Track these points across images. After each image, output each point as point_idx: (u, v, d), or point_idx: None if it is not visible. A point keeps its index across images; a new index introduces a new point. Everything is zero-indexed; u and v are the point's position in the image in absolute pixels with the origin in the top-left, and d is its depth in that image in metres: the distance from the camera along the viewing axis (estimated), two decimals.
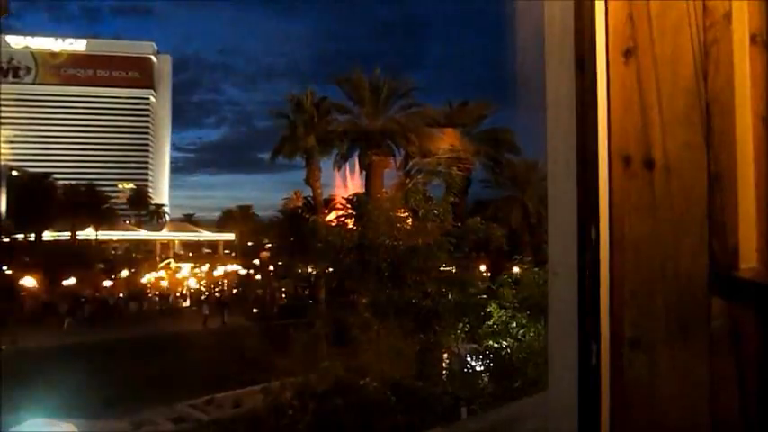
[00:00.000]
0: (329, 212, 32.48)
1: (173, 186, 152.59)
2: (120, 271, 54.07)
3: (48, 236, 57.53)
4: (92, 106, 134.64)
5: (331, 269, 13.96)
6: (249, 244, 75.59)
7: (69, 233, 58.70)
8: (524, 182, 36.22)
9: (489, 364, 10.75)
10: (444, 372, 11.27)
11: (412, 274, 12.64)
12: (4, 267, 46.68)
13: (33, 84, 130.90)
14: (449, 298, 11.81)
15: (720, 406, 1.10)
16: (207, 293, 51.97)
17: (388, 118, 30.74)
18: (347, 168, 33.70)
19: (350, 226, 14.36)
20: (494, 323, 11.07)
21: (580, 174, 1.25)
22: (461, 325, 11.54)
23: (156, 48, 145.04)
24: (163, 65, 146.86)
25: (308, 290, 38.32)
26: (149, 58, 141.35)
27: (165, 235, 77.58)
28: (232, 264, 61.16)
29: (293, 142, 30.43)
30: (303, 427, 9.67)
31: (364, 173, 30.78)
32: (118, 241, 70.89)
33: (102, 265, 54.82)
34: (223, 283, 57.45)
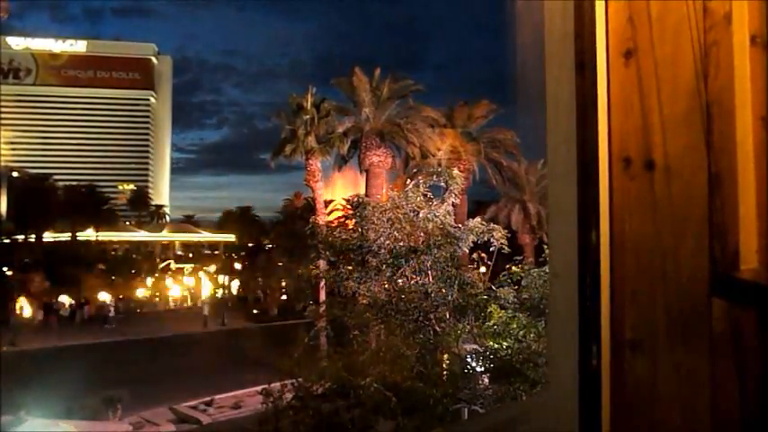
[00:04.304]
0: (329, 213, 32.50)
1: (174, 187, 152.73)
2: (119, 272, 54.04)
3: (48, 237, 57.54)
4: (92, 107, 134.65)
5: (331, 270, 13.93)
6: (250, 245, 75.64)
7: (70, 234, 58.69)
8: (525, 183, 36.20)
9: (490, 365, 10.73)
10: (445, 372, 11.26)
11: (412, 274, 12.64)
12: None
13: (34, 85, 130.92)
14: (449, 299, 11.79)
15: (721, 407, 1.10)
16: (207, 294, 51.96)
17: (388, 119, 30.75)
18: (347, 169, 33.75)
19: (350, 226, 14.35)
20: (494, 324, 11.07)
21: (580, 175, 1.25)
22: (461, 326, 11.54)
23: (156, 49, 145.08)
24: (163, 66, 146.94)
25: (308, 290, 38.33)
26: (150, 60, 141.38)
27: (165, 236, 77.55)
28: (232, 266, 61.09)
29: (293, 143, 30.44)
30: (303, 428, 9.67)
31: (364, 173, 30.79)
32: (118, 242, 70.86)
33: (103, 266, 54.81)
34: (223, 284, 57.46)
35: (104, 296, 47.53)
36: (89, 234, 60.91)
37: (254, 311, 46.71)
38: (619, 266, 1.22)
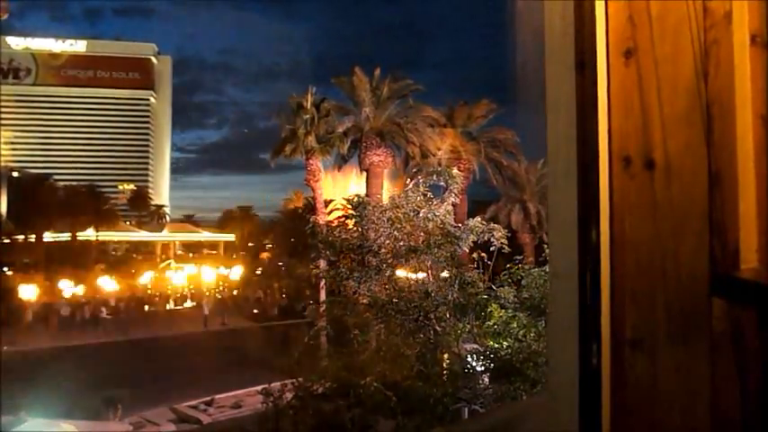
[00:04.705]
0: (329, 212, 32.50)
1: (174, 187, 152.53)
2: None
3: (48, 237, 57.55)
4: (92, 107, 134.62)
5: (331, 269, 13.93)
6: (250, 244, 75.73)
7: (69, 234, 58.70)
8: (525, 183, 36.19)
9: (490, 364, 10.73)
10: (445, 372, 11.26)
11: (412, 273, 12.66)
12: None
13: (33, 85, 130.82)
14: (449, 298, 11.79)
15: (721, 406, 1.10)
16: (207, 294, 51.97)
17: (388, 118, 30.74)
18: (347, 168, 33.77)
19: (350, 226, 14.35)
20: (494, 323, 11.08)
21: (580, 174, 1.25)
22: (462, 325, 11.54)
23: (156, 49, 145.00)
24: (163, 66, 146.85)
25: (308, 290, 38.36)
26: (150, 59, 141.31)
27: (165, 236, 77.62)
28: (232, 266, 61.11)
29: (293, 143, 30.45)
30: (303, 428, 9.68)
31: (365, 173, 30.79)
32: (118, 242, 70.88)
33: (103, 266, 54.82)
34: (224, 283, 57.45)
35: (105, 296, 47.52)
36: (89, 234, 60.95)
37: (255, 311, 46.71)
38: (619, 266, 1.22)
